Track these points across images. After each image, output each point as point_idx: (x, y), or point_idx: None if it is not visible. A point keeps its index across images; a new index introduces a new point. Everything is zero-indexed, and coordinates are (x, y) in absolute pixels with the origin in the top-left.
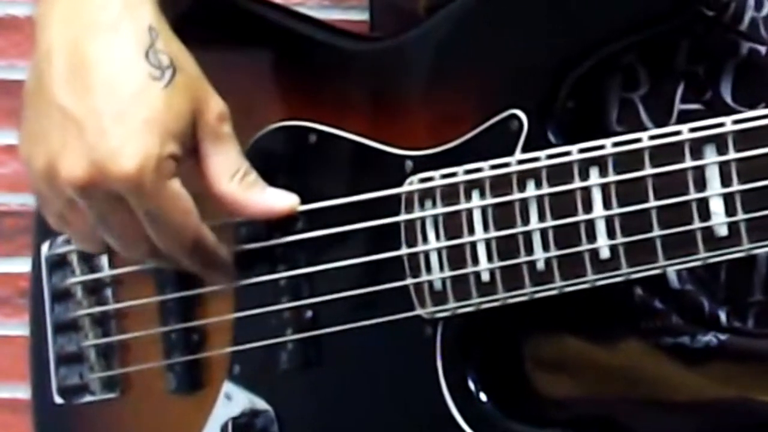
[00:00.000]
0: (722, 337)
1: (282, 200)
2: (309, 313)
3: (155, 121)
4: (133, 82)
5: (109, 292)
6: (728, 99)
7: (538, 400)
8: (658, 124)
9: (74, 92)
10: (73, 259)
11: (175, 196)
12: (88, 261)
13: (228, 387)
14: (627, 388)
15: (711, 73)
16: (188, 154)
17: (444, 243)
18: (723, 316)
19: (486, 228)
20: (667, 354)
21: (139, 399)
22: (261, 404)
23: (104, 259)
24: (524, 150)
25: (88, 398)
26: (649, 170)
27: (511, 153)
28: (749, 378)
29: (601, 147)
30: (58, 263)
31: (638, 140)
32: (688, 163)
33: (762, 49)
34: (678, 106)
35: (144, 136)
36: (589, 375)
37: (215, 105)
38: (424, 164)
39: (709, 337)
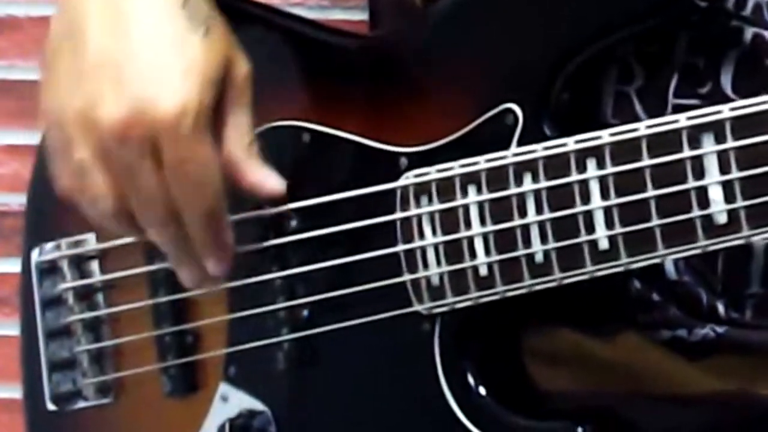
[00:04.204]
0: (720, 329)
1: (272, 179)
2: (305, 313)
3: (194, 68)
4: (171, 31)
5: (100, 297)
6: (728, 90)
7: (537, 393)
8: (653, 117)
9: (112, 37)
10: (64, 265)
11: (208, 150)
12: (79, 267)
13: (224, 388)
14: (625, 381)
15: (711, 65)
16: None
17: (441, 238)
18: (721, 308)
19: (483, 222)
20: (665, 347)
21: (134, 403)
22: (258, 405)
23: (95, 265)
24: (520, 144)
25: (81, 404)
26: (646, 161)
27: (506, 147)
28: (748, 370)
29: (598, 138)
30: (49, 270)
31: (635, 130)
32: (686, 152)
33: (766, 34)
34: (672, 100)
35: (183, 82)
36: (587, 368)
37: (244, 64)
38: (418, 161)
39: (707, 330)
